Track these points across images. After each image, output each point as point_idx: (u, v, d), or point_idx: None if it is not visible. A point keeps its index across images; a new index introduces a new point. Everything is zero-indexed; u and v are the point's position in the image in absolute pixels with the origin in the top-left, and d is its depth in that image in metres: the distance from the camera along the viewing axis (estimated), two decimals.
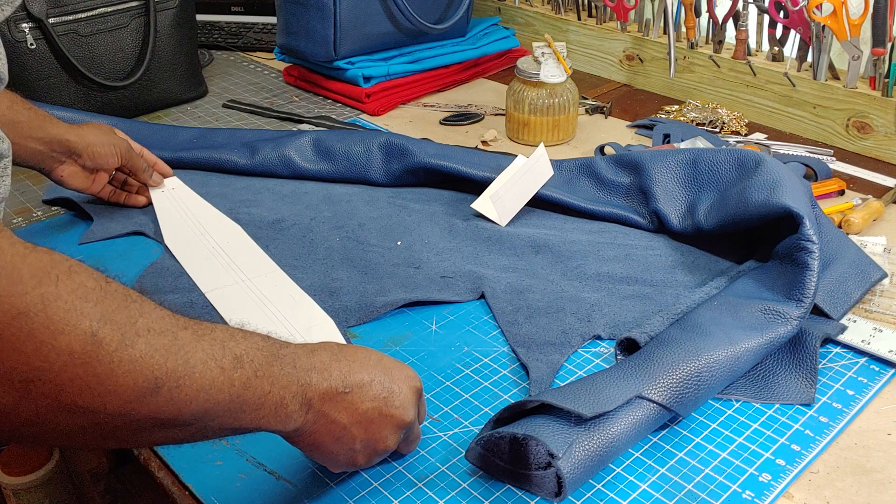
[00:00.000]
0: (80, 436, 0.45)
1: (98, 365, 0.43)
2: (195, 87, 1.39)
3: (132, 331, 0.45)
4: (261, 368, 0.52)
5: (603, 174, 1.03)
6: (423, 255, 0.94)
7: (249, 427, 0.53)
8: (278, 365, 0.53)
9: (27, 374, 0.41)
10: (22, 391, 0.41)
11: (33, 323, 0.41)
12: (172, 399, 0.46)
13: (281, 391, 0.53)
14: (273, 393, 0.52)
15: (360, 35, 1.34)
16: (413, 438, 0.66)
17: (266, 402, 0.52)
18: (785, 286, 0.78)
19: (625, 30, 1.41)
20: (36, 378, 0.41)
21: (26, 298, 0.41)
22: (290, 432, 0.56)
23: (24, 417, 0.42)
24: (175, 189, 1.06)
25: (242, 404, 0.51)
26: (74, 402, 0.43)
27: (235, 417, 0.51)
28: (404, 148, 1.08)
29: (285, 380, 0.53)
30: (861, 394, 0.74)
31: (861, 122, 1.15)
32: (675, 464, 0.67)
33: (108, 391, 0.43)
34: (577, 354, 0.80)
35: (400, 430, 0.62)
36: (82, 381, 0.42)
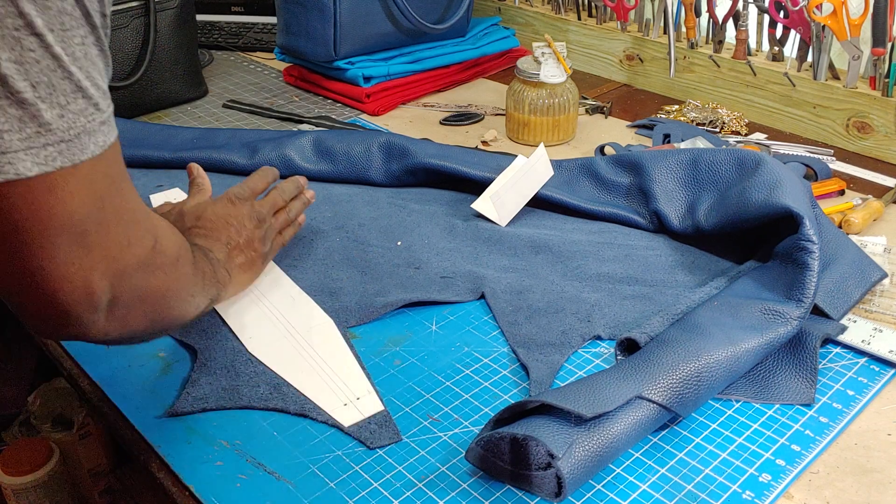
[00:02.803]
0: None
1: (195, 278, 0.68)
2: (195, 87, 1.39)
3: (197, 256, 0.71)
4: (211, 260, 0.76)
5: (603, 174, 1.03)
6: (423, 255, 0.94)
7: (216, 296, 0.75)
8: (209, 255, 0.77)
9: (173, 295, 0.63)
10: (169, 306, 0.63)
11: (178, 262, 0.64)
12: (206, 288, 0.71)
13: (219, 270, 0.77)
14: (218, 272, 0.76)
15: (360, 35, 1.34)
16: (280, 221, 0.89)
17: (219, 279, 0.76)
18: (785, 286, 0.78)
19: (625, 30, 1.41)
20: (177, 297, 0.64)
21: (174, 247, 0.63)
22: (226, 293, 0.80)
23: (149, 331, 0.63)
24: (177, 199, 1.06)
25: (215, 282, 0.74)
26: (185, 307, 0.66)
27: (216, 290, 0.74)
28: (404, 148, 1.08)
29: (215, 263, 0.76)
30: (861, 394, 0.74)
31: (861, 122, 1.15)
32: (675, 464, 0.67)
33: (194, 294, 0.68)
34: (578, 355, 0.80)
35: (260, 229, 0.84)
36: (189, 292, 0.67)
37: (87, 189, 0.52)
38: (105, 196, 0.53)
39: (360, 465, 0.67)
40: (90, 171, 0.52)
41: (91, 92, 0.51)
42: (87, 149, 0.51)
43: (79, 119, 0.50)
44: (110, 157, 0.54)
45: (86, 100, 0.51)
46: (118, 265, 0.55)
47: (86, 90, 0.51)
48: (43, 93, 0.48)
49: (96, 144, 0.52)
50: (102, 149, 0.52)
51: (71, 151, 0.50)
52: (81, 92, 0.50)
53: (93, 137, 0.51)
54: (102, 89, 0.53)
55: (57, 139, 0.49)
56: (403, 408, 0.73)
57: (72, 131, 0.50)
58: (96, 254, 0.53)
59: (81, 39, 0.51)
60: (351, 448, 0.69)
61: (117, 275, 0.55)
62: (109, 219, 0.54)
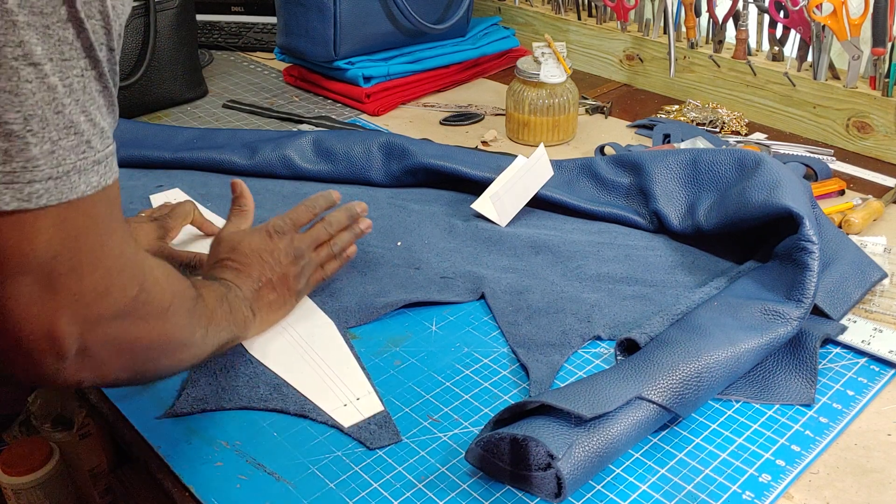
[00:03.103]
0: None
1: (192, 328, 0.63)
2: (195, 88, 1.39)
3: (198, 302, 0.65)
4: (230, 300, 0.73)
5: (603, 174, 1.03)
6: (422, 255, 0.94)
7: (234, 337, 0.73)
8: (232, 293, 0.74)
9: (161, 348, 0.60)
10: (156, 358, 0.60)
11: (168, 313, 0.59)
12: (212, 336, 0.67)
13: (241, 309, 0.74)
14: (239, 312, 0.74)
15: (360, 35, 1.34)
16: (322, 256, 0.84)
17: (238, 320, 0.73)
18: (785, 286, 0.78)
19: (625, 30, 1.41)
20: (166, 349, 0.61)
21: (166, 296, 0.59)
22: (250, 332, 0.77)
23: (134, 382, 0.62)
24: (177, 199, 1.06)
25: (231, 325, 0.71)
26: (179, 357, 0.63)
27: (231, 333, 0.71)
28: (404, 148, 1.08)
29: (237, 302, 0.74)
30: (861, 394, 0.74)
31: (861, 121, 1.15)
32: (675, 464, 0.67)
33: (192, 344, 0.64)
34: (577, 355, 0.80)
35: (296, 265, 0.80)
36: (183, 343, 0.62)
37: (59, 229, 0.49)
38: (82, 238, 0.50)
39: (359, 466, 0.67)
40: (67, 211, 0.49)
41: (84, 128, 0.49)
42: (76, 188, 0.49)
43: (69, 156, 0.48)
44: (100, 200, 0.51)
45: (78, 136, 0.48)
46: (90, 312, 0.52)
47: (78, 126, 0.48)
48: (35, 126, 0.46)
49: (87, 184, 0.49)
50: (94, 189, 0.50)
51: (59, 189, 0.48)
52: (74, 127, 0.48)
53: (84, 177, 0.49)
54: (100, 127, 0.50)
55: (44, 176, 0.47)
56: (403, 408, 0.73)
57: (61, 168, 0.48)
58: (64, 297, 0.50)
59: (81, 72, 0.48)
60: (351, 448, 0.69)
61: (88, 322, 0.52)
62: (85, 263, 0.51)
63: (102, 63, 0.50)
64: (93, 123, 0.49)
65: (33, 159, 0.46)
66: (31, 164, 0.46)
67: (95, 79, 0.50)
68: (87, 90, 0.49)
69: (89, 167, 0.49)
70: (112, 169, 0.52)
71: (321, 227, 0.85)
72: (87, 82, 0.49)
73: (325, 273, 0.85)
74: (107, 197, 0.51)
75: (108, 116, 0.52)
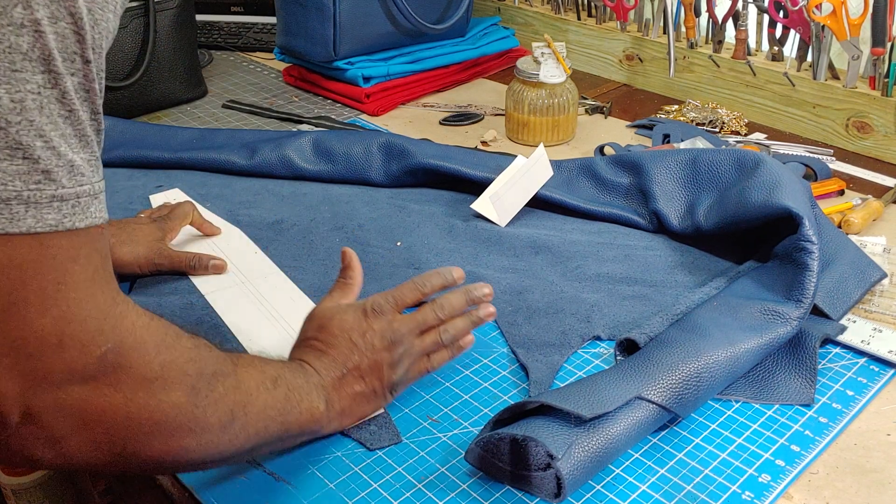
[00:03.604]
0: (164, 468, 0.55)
1: (196, 409, 0.51)
2: (195, 88, 1.39)
3: (214, 379, 0.54)
4: (290, 384, 0.62)
5: (603, 174, 1.03)
6: (422, 255, 0.94)
7: (294, 433, 0.63)
8: (300, 377, 0.64)
9: (146, 428, 0.48)
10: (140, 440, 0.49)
11: (154, 385, 0.48)
12: (244, 426, 0.56)
13: (308, 397, 0.63)
14: (304, 401, 0.63)
15: (359, 35, 1.34)
16: (426, 344, 0.71)
17: (302, 410, 0.62)
18: (784, 287, 0.78)
19: (624, 30, 1.41)
20: (153, 430, 0.49)
21: (152, 366, 0.48)
22: (324, 426, 0.66)
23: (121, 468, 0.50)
24: (176, 199, 1.06)
25: (287, 415, 0.61)
26: (178, 444, 0.51)
27: (284, 427, 0.61)
28: (404, 148, 1.08)
29: (307, 388, 0.64)
30: (861, 394, 0.74)
31: (861, 121, 1.15)
32: (675, 464, 0.67)
33: (201, 430, 0.52)
34: (577, 355, 0.80)
35: (392, 352, 0.68)
36: (184, 427, 0.51)
37: (5, 259, 0.41)
38: (28, 273, 0.42)
39: (359, 466, 0.67)
40: (17, 249, 0.41)
41: (40, 154, 0.41)
42: (20, 220, 0.41)
43: (13, 183, 0.41)
44: (63, 240, 0.43)
45: (27, 162, 0.41)
46: (34, 367, 0.42)
47: (30, 150, 0.41)
48: None
49: (40, 221, 0.41)
50: (51, 229, 0.42)
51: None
52: (23, 151, 0.41)
53: (34, 211, 0.41)
54: (67, 160, 0.42)
55: None
56: (403, 409, 0.73)
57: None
58: (1, 341, 0.42)
59: (37, 89, 0.41)
60: (351, 449, 0.69)
61: (33, 380, 0.43)
62: (32, 301, 0.42)
63: (66, 81, 0.42)
64: (55, 153, 0.42)
65: None
66: None
67: (57, 100, 0.42)
68: (44, 111, 0.42)
69: (44, 202, 0.42)
70: (90, 213, 0.44)
71: (429, 310, 0.71)
72: (44, 102, 0.42)
73: (432, 364, 0.72)
74: (74, 239, 0.43)
75: (82, 150, 0.44)
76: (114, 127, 1.18)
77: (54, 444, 0.45)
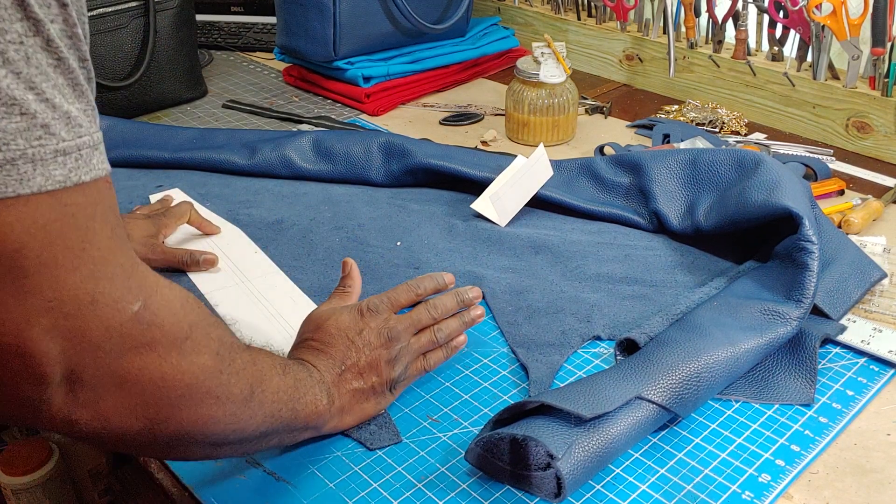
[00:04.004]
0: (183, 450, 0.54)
1: (221, 376, 0.52)
2: (195, 88, 1.39)
3: (234, 349, 0.54)
4: (297, 375, 0.63)
5: (602, 174, 1.03)
6: (422, 255, 0.94)
7: (300, 424, 0.62)
8: (303, 371, 0.64)
9: (179, 391, 0.49)
10: (172, 405, 0.49)
11: (186, 346, 0.49)
12: (261, 403, 0.56)
13: (311, 390, 0.64)
14: (309, 393, 0.63)
15: (359, 35, 1.34)
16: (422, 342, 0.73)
17: (307, 401, 0.63)
18: (784, 286, 0.78)
19: (624, 30, 1.41)
20: (184, 394, 0.49)
21: (182, 325, 0.48)
22: (326, 422, 0.66)
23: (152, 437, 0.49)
24: (176, 200, 1.06)
25: (296, 403, 0.61)
26: (205, 413, 0.51)
27: (293, 414, 0.61)
28: (404, 148, 1.08)
29: (310, 381, 0.64)
30: (860, 394, 0.74)
31: (861, 121, 1.15)
32: (675, 464, 0.67)
33: (226, 399, 0.52)
34: (577, 355, 0.80)
35: (389, 350, 0.69)
36: (212, 394, 0.51)
37: (18, 219, 0.40)
38: (54, 231, 0.41)
39: (359, 466, 0.67)
40: (26, 205, 0.40)
41: (35, 108, 0.40)
42: (30, 180, 0.40)
43: (15, 142, 0.39)
44: (78, 196, 0.42)
45: (25, 118, 0.39)
46: (74, 325, 0.42)
47: (25, 104, 0.40)
48: None
49: (48, 178, 0.40)
50: (59, 185, 0.41)
51: (1, 180, 0.39)
52: (19, 106, 0.39)
53: (41, 168, 0.40)
54: (63, 111, 0.41)
55: None
56: (403, 409, 0.73)
57: (1, 154, 0.39)
58: (36, 302, 0.41)
59: (19, 37, 0.39)
60: (351, 449, 0.69)
61: (74, 338, 0.43)
62: (61, 261, 0.42)
63: (48, 27, 0.40)
64: (50, 105, 0.41)
65: None
66: None
67: (42, 48, 0.40)
68: (31, 62, 0.40)
69: (49, 157, 0.41)
70: (93, 164, 0.43)
71: (423, 310, 0.73)
72: (29, 51, 0.40)
73: (428, 364, 0.74)
74: (87, 194, 0.43)
75: (77, 100, 0.42)
76: (114, 127, 1.18)
77: (92, 406, 0.45)
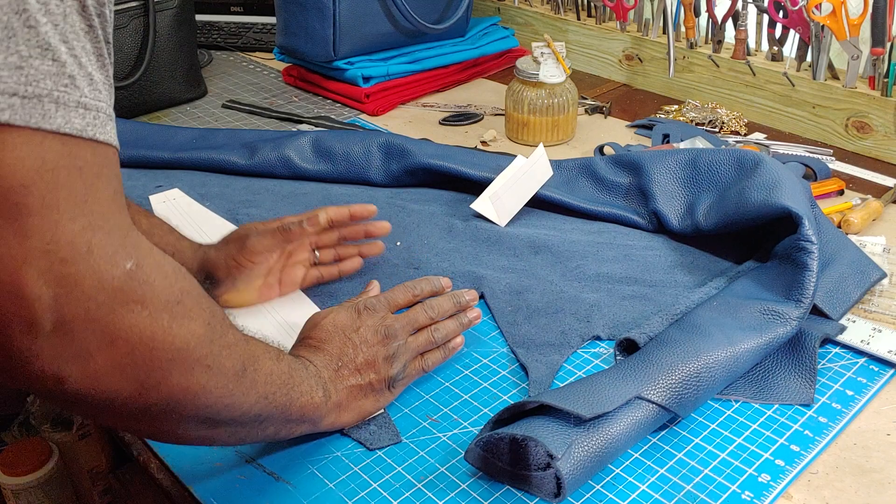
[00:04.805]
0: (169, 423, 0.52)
1: (212, 345, 0.51)
2: (194, 88, 1.39)
3: (225, 324, 0.54)
4: (292, 364, 0.63)
5: (602, 174, 1.03)
6: (422, 255, 0.94)
7: (296, 415, 0.62)
8: (299, 365, 0.64)
9: (169, 354, 0.48)
10: (163, 368, 0.48)
11: (177, 309, 0.48)
12: (253, 382, 0.56)
13: (308, 383, 0.63)
14: (304, 383, 0.63)
15: (359, 35, 1.34)
16: (420, 342, 0.73)
17: (303, 391, 0.62)
18: (784, 286, 0.78)
19: (624, 30, 1.41)
20: (175, 358, 0.49)
21: (173, 289, 0.48)
22: (323, 417, 0.65)
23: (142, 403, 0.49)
24: (176, 199, 1.06)
25: (291, 391, 0.61)
26: (197, 381, 0.50)
27: (288, 400, 0.60)
28: (404, 148, 1.08)
29: (306, 375, 0.64)
30: (860, 394, 0.74)
31: (860, 121, 1.16)
32: (675, 464, 0.67)
33: (217, 370, 0.52)
34: (577, 355, 0.80)
35: (386, 347, 0.70)
36: (202, 362, 0.50)
37: (31, 156, 0.41)
38: (61, 176, 0.42)
39: (359, 466, 0.67)
40: (42, 142, 0.42)
41: (66, 59, 0.42)
42: (51, 118, 0.42)
43: (44, 81, 0.41)
44: (88, 152, 0.44)
45: (56, 63, 0.42)
46: (69, 271, 0.43)
47: (57, 52, 0.42)
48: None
49: (68, 122, 0.42)
50: (78, 133, 0.43)
51: (27, 111, 0.41)
52: (52, 52, 0.42)
53: (64, 111, 0.42)
54: (88, 72, 0.44)
55: (9, 90, 0.40)
56: (403, 409, 0.73)
57: (31, 89, 0.41)
58: (34, 243, 0.42)
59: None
60: (350, 449, 0.69)
61: (67, 285, 0.43)
62: (63, 207, 0.43)
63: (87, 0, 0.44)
64: (78, 62, 0.43)
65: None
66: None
67: (77, 12, 0.43)
68: (67, 19, 0.42)
69: (72, 105, 0.42)
70: (107, 131, 0.45)
71: (420, 310, 0.75)
72: (67, 10, 0.42)
73: (427, 364, 0.74)
74: (97, 154, 0.44)
75: (99, 70, 0.45)
76: None
77: (82, 360, 0.45)
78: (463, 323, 0.77)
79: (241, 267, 0.83)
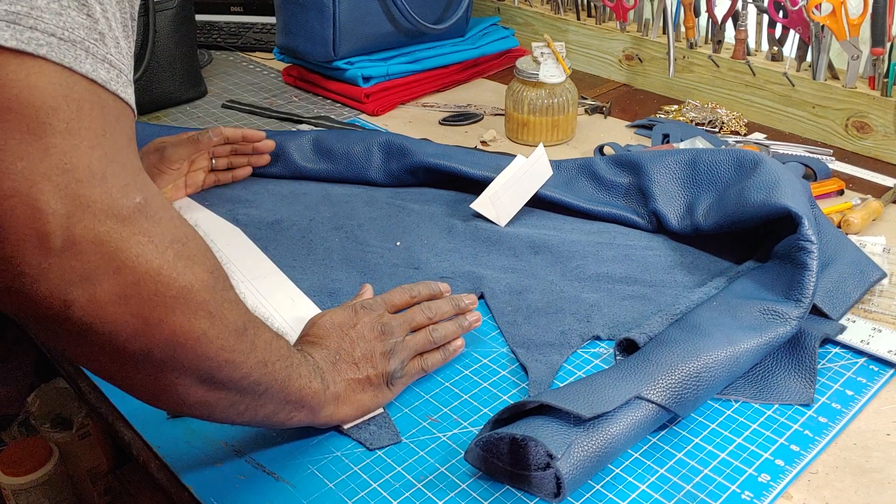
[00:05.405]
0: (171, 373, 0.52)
1: (215, 294, 0.52)
2: (194, 88, 1.39)
3: (228, 281, 0.55)
4: (291, 347, 0.63)
5: (602, 174, 1.03)
6: (422, 255, 0.94)
7: (294, 399, 0.62)
8: (296, 350, 0.65)
9: (173, 290, 0.49)
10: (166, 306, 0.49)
11: (182, 248, 0.49)
12: (254, 345, 0.56)
13: (306, 369, 0.64)
14: (303, 367, 0.63)
15: (359, 35, 1.34)
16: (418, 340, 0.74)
17: (301, 374, 0.63)
18: (784, 286, 0.78)
19: (624, 30, 1.41)
20: (178, 296, 0.49)
21: (179, 231, 0.50)
22: (322, 406, 0.66)
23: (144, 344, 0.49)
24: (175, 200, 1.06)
25: (290, 369, 0.61)
26: (199, 327, 0.51)
27: (287, 377, 0.61)
28: (404, 148, 1.08)
29: (304, 363, 0.64)
30: (860, 394, 0.74)
31: (860, 121, 1.16)
32: (675, 464, 0.67)
33: (219, 320, 0.52)
34: (577, 355, 0.80)
35: (383, 342, 0.71)
36: (205, 307, 0.51)
37: (62, 86, 0.44)
38: (85, 109, 0.45)
39: (359, 466, 0.67)
40: (72, 81, 0.44)
41: (98, 16, 0.46)
42: (82, 62, 0.44)
43: (78, 31, 0.45)
44: (110, 101, 0.46)
45: (90, 19, 0.45)
46: (82, 192, 0.44)
47: (92, 9, 0.45)
48: None
49: (95, 71, 0.45)
50: (103, 83, 0.46)
51: (62, 51, 0.44)
52: (87, 8, 0.45)
53: (93, 61, 0.45)
54: (115, 37, 0.47)
55: (48, 30, 0.43)
56: (402, 409, 0.73)
57: (67, 34, 0.44)
58: (53, 162, 0.44)
59: None
60: (350, 449, 0.69)
61: (80, 205, 0.44)
62: (84, 134, 0.45)
63: None
64: (109, 24, 0.46)
65: (38, 9, 0.43)
66: (35, 13, 0.43)
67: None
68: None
69: (100, 58, 0.45)
70: (129, 93, 0.48)
71: (417, 309, 0.76)
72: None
73: (426, 365, 0.75)
74: (118, 106, 0.47)
75: (124, 39, 0.48)
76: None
77: (87, 283, 0.45)
78: (463, 326, 0.77)
79: (161, 174, 1.01)
